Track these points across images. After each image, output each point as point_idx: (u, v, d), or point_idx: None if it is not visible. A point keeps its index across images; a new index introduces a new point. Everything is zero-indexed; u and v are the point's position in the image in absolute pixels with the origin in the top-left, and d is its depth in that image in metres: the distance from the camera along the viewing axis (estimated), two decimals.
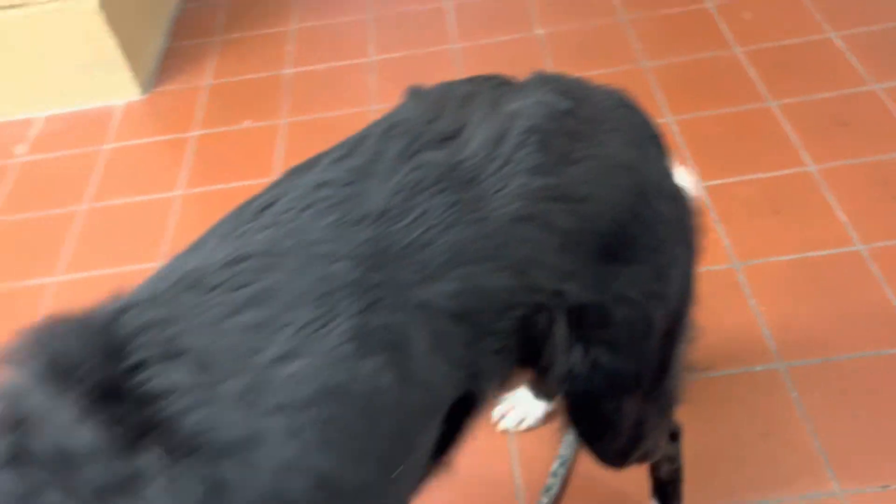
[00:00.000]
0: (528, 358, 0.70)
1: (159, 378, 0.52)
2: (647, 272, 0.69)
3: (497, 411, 1.22)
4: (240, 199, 0.64)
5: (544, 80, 0.70)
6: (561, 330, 0.68)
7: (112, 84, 1.95)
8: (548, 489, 1.14)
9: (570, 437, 1.18)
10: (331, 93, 1.91)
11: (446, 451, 0.70)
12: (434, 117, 0.66)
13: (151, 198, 1.71)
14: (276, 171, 1.71)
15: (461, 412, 0.67)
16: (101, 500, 0.48)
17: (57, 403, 0.50)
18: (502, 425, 1.21)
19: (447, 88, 0.71)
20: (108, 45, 1.88)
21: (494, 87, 0.70)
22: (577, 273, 0.65)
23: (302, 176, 0.65)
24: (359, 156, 0.65)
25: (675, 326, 0.77)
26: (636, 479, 1.12)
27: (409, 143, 0.64)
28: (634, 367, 0.74)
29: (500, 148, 0.62)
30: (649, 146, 0.71)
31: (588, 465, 1.16)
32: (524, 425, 1.21)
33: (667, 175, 0.72)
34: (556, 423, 1.21)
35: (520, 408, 1.21)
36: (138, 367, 0.52)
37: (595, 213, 0.65)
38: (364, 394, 0.56)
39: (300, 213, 0.61)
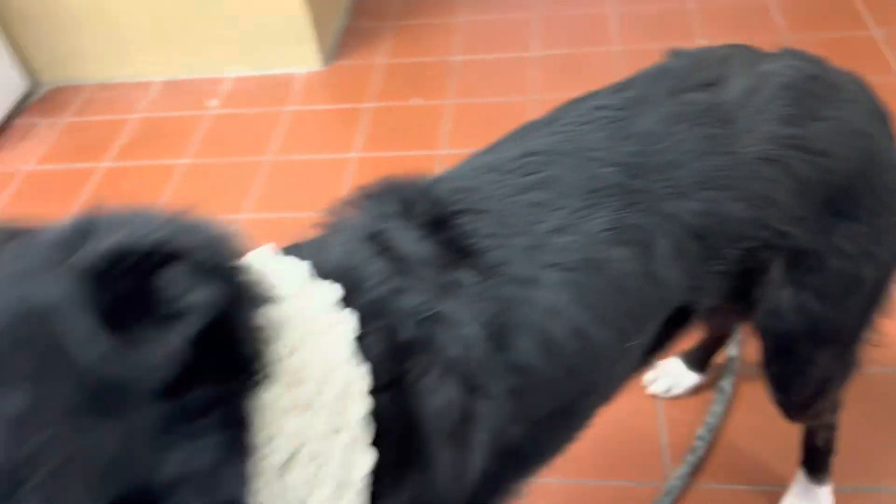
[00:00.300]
0: (737, 289, 0.79)
1: (470, 224, 0.67)
2: (866, 232, 0.78)
3: (649, 375, 1.31)
4: (410, 167, 0.77)
5: (793, 53, 0.80)
6: (778, 269, 0.77)
7: (298, 54, 2.15)
8: (693, 450, 1.22)
9: (718, 408, 1.26)
10: (494, 81, 2.04)
11: (654, 353, 0.80)
12: (697, 69, 0.77)
13: (329, 157, 1.89)
14: (441, 145, 1.85)
15: (676, 321, 0.77)
16: (428, 293, 0.62)
17: (403, 226, 0.66)
18: (651, 389, 1.30)
19: (707, 50, 0.83)
20: (301, 19, 2.08)
21: (749, 52, 0.81)
22: (805, 219, 0.75)
23: (582, 102, 0.79)
24: (632, 90, 0.78)
25: (877, 291, 0.85)
26: (780, 453, 1.19)
27: (676, 84, 0.75)
28: (836, 320, 0.83)
29: (754, 97, 0.73)
30: (881, 121, 0.80)
31: (733, 436, 1.25)
32: (672, 392, 1.29)
33: (893, 150, 0.80)
34: (703, 395, 1.29)
35: (670, 375, 1.29)
36: (455, 214, 0.68)
37: (830, 167, 0.74)
38: (614, 274, 0.69)
39: (579, 127, 0.75)
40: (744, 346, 1.34)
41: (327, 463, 0.55)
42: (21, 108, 2.19)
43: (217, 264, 0.46)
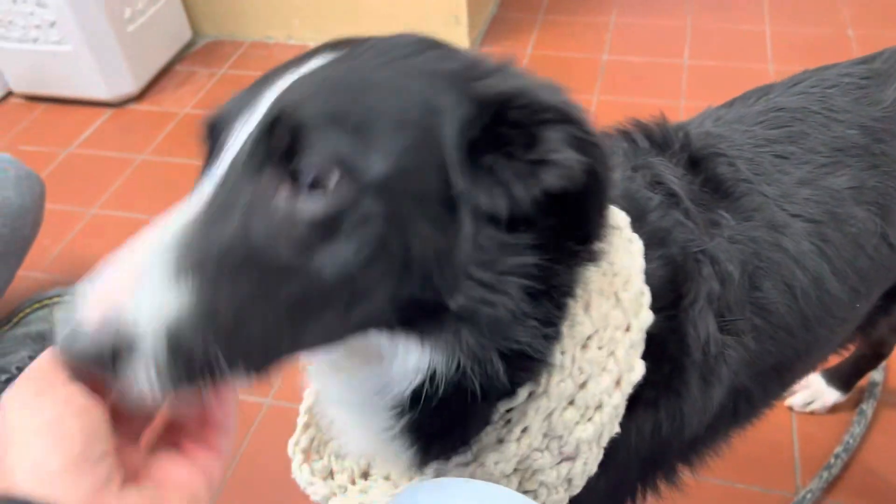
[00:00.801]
0: None
1: (723, 168, 0.70)
2: None
3: None
4: None
5: None
6: None
7: (448, 35, 2.18)
8: (828, 467, 1.19)
9: (858, 429, 1.23)
10: (642, 83, 2.04)
11: (869, 327, 0.81)
12: None
13: None
14: None
15: (890, 300, 0.79)
16: (697, 229, 0.65)
17: (666, 162, 0.69)
18: (789, 401, 1.28)
19: None
20: (460, 3, 2.13)
21: None
22: None
23: (826, 70, 0.81)
24: (877, 62, 0.80)
25: None
26: None
27: None
28: None
29: None
30: None
31: (869, 459, 1.22)
32: (810, 408, 1.27)
33: None
34: (839, 415, 1.26)
35: (811, 390, 1.27)
36: (709, 157, 0.71)
37: None
38: (853, 231, 0.71)
39: (825, 90, 0.77)
40: (888, 372, 1.30)
41: (613, 354, 0.58)
42: (183, 55, 2.31)
43: (595, 143, 0.50)
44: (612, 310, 0.57)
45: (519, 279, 0.50)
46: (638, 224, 0.63)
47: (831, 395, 1.26)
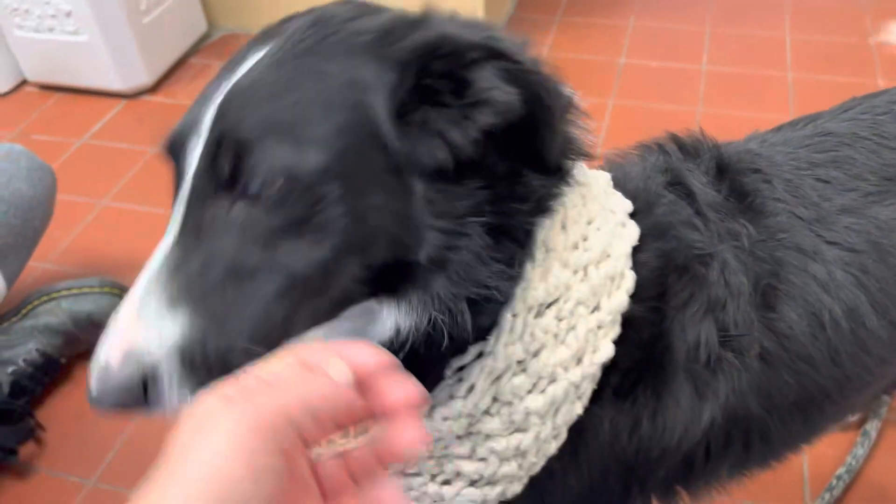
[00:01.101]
0: None
1: (756, 184, 0.68)
2: None
3: None
4: None
5: None
6: None
7: None
8: (830, 488, 1.18)
9: (860, 451, 1.21)
10: (660, 88, 2.02)
11: None
12: None
13: None
14: (600, 141, 1.85)
15: None
16: (709, 233, 0.64)
17: (693, 168, 0.68)
18: None
19: None
20: (476, 2, 2.11)
21: None
22: None
23: (876, 96, 0.79)
24: None
25: None
26: None
27: None
28: None
29: None
30: None
31: (873, 479, 1.20)
32: None
33: None
34: (851, 434, 1.24)
35: None
36: (743, 172, 0.69)
37: None
38: None
39: (876, 116, 0.75)
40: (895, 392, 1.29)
41: (574, 329, 0.57)
42: (198, 48, 2.30)
43: (529, 71, 0.50)
44: (577, 283, 0.57)
45: (478, 219, 0.51)
46: (642, 215, 0.63)
47: None
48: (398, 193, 0.50)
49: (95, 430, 1.29)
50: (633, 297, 0.59)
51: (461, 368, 0.57)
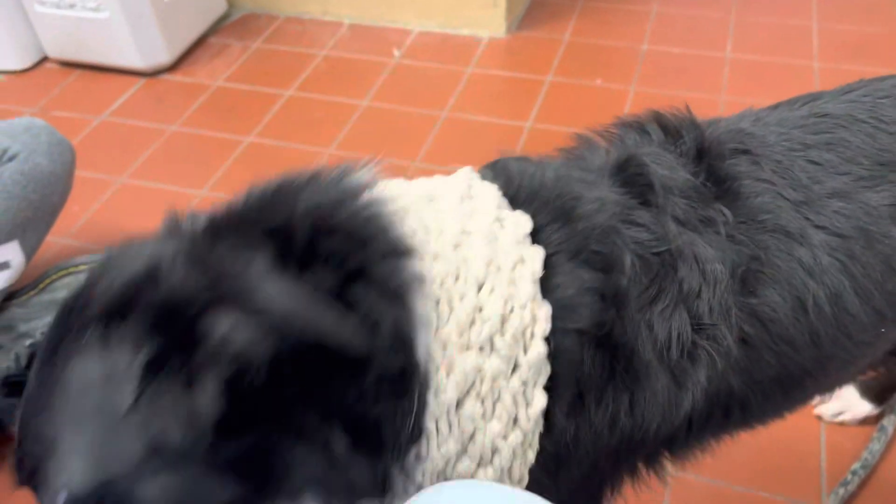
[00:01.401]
0: None
1: (743, 165, 0.67)
2: None
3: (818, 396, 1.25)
4: None
5: None
6: None
7: (485, 18, 2.17)
8: (845, 483, 1.16)
9: (876, 446, 1.20)
10: (682, 76, 2.00)
11: (885, 361, 0.77)
12: None
13: (503, 122, 1.89)
14: None
15: None
16: (669, 225, 0.62)
17: (663, 152, 0.66)
18: (819, 410, 1.24)
19: None
20: None
21: None
22: None
23: (880, 80, 0.77)
24: None
25: None
26: None
27: None
28: None
29: None
30: None
31: (889, 475, 1.18)
32: (840, 418, 1.23)
33: None
34: (869, 428, 1.23)
35: (842, 400, 1.23)
36: (730, 152, 0.67)
37: None
38: (887, 252, 0.67)
39: (877, 100, 0.73)
40: None
41: (500, 400, 0.56)
42: (217, 27, 2.30)
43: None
44: (486, 360, 0.55)
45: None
46: (559, 225, 0.60)
47: (863, 408, 1.23)
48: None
49: None
50: (560, 328, 0.57)
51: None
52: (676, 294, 0.60)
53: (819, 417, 1.25)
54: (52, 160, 1.34)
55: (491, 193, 0.62)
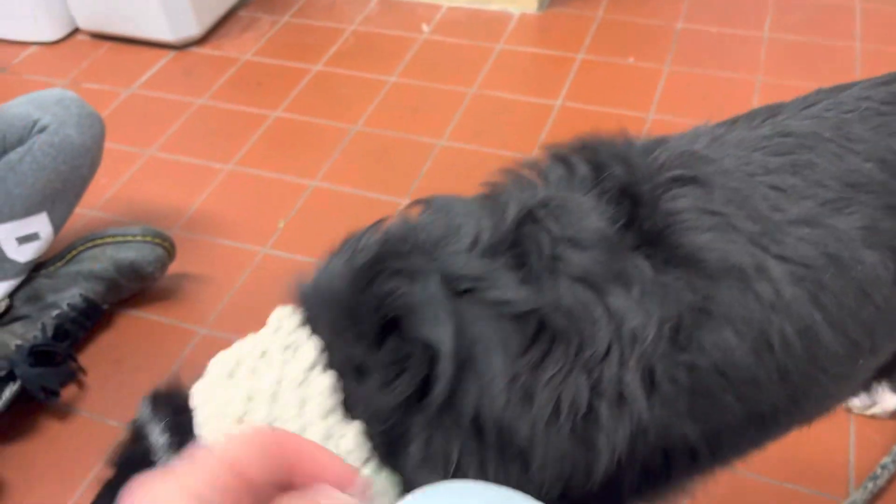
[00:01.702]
0: None
1: (684, 198, 0.60)
2: None
3: None
4: (611, 123, 0.71)
5: None
6: None
7: None
8: (874, 477, 1.14)
9: None
10: (717, 55, 1.95)
11: (883, 376, 0.73)
12: None
13: (532, 100, 1.86)
14: (651, 109, 1.79)
15: None
16: (586, 282, 0.56)
17: (578, 192, 0.60)
18: (848, 402, 1.21)
19: None
20: None
21: None
22: None
23: (843, 90, 0.72)
24: (894, 86, 0.70)
25: None
26: None
27: None
28: None
29: None
30: None
31: None
32: (870, 411, 1.21)
33: None
34: None
35: (872, 393, 1.20)
36: (670, 182, 0.61)
37: None
38: (860, 278, 0.62)
39: (842, 115, 0.68)
40: None
41: None
42: (246, 1, 2.29)
43: None
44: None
45: None
46: (406, 282, 0.54)
47: (894, 401, 1.20)
48: None
49: (134, 377, 1.32)
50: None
51: None
52: (571, 358, 0.53)
53: (849, 410, 1.22)
54: (81, 132, 1.35)
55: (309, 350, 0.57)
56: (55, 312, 1.29)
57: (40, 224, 1.31)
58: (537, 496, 0.51)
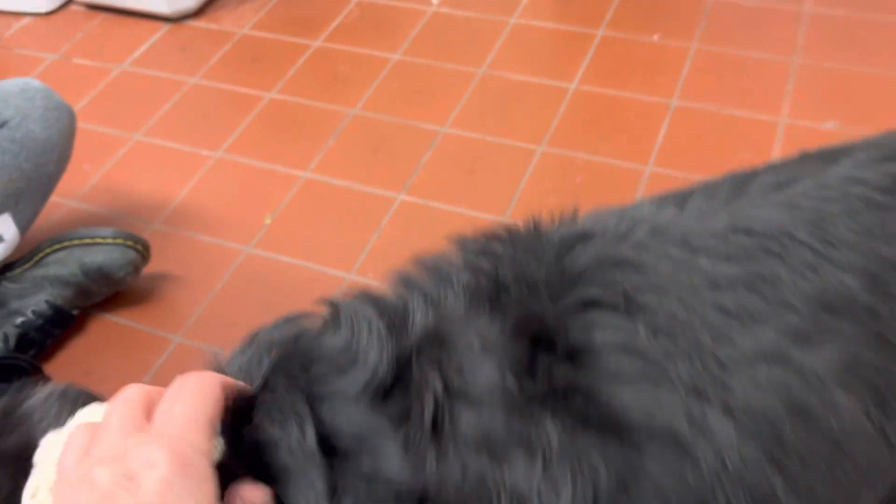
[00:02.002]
0: None
1: (601, 331, 0.47)
2: None
3: None
4: (629, 110, 0.57)
5: None
6: None
7: None
8: None
9: None
10: (752, 33, 1.77)
11: None
12: None
13: (545, 82, 1.72)
14: (673, 94, 1.64)
15: None
16: (487, 449, 0.44)
17: (474, 323, 0.47)
18: None
19: None
20: None
21: None
22: None
23: (832, 166, 0.56)
24: None
25: None
26: None
27: None
28: None
29: None
30: None
31: None
32: None
33: None
34: None
35: None
36: (583, 307, 0.48)
37: None
38: (833, 429, 0.48)
39: (822, 203, 0.53)
40: None
41: None
42: None
43: None
44: None
45: None
46: None
47: None
48: None
49: (102, 389, 1.25)
50: None
51: None
52: None
53: None
54: (46, 126, 1.26)
55: None
56: (19, 320, 1.22)
57: (4, 226, 1.23)
58: None
